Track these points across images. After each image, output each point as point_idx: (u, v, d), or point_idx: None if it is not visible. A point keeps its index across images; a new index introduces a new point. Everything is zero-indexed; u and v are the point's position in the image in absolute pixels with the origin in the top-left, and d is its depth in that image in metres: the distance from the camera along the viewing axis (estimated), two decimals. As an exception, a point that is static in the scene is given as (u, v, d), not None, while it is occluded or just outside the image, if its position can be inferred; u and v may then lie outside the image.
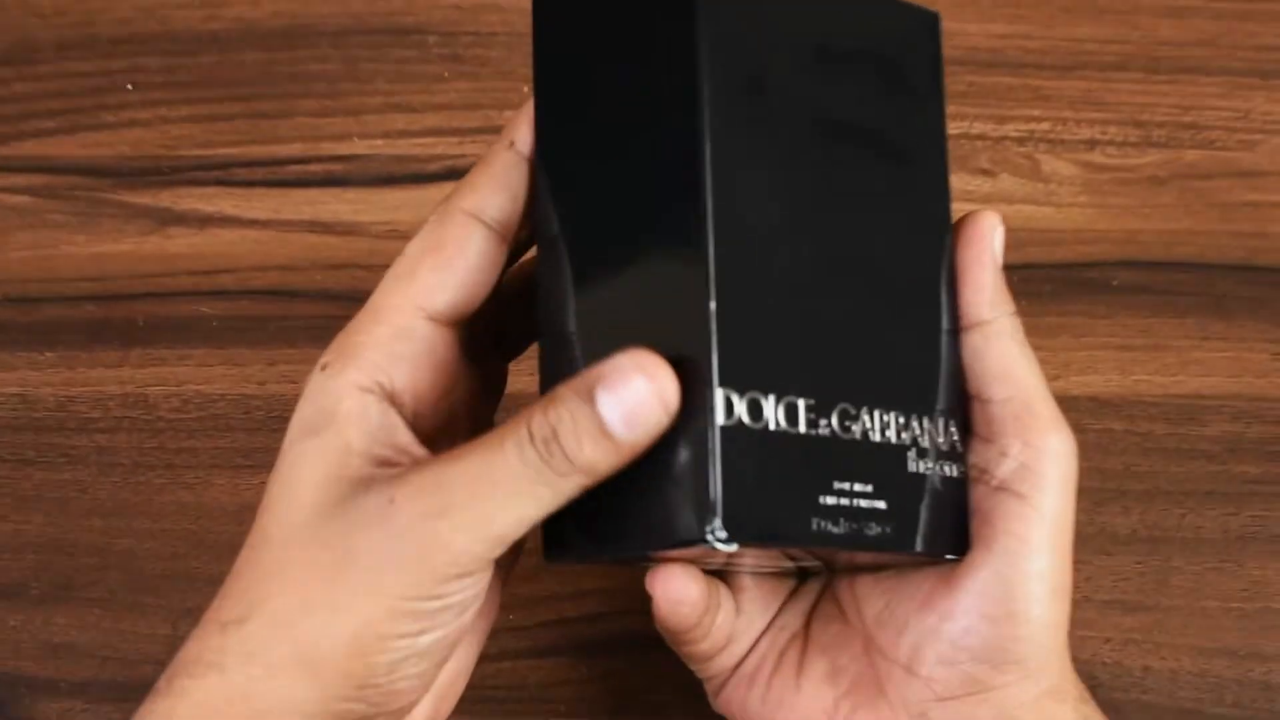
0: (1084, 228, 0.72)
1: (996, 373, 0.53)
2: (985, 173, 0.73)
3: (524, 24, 0.69)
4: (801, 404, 0.49)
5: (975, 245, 0.54)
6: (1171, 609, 0.66)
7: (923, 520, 0.51)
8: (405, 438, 0.50)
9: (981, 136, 0.73)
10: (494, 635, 0.54)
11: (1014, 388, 0.52)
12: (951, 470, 0.52)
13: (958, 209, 0.67)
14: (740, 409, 0.47)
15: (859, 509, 0.49)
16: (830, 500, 0.49)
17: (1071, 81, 0.74)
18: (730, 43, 0.49)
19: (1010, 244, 0.68)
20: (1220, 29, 0.74)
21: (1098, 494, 0.68)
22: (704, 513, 0.47)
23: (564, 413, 0.46)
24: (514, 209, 0.52)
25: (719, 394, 0.46)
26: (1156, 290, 0.71)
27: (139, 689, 0.59)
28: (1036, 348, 0.65)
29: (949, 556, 0.52)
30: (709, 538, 0.46)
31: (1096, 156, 0.73)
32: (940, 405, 0.53)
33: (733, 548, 0.47)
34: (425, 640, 0.49)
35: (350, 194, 0.71)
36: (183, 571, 0.66)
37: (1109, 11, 0.75)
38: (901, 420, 0.52)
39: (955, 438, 0.53)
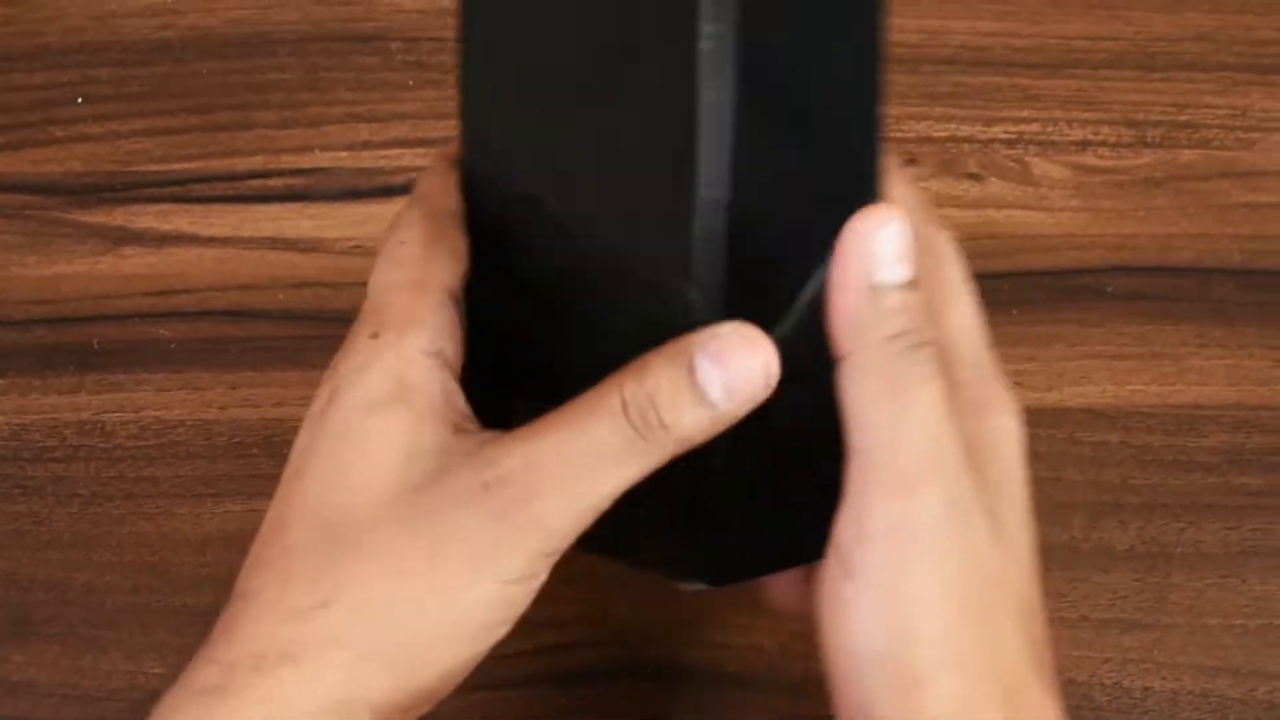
0: (1076, 233, 0.72)
1: (851, 420, 0.48)
2: (973, 177, 0.72)
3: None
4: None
5: (839, 264, 0.49)
6: (1171, 627, 0.66)
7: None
8: (465, 406, 0.50)
9: (969, 139, 0.73)
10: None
11: (869, 438, 0.49)
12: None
13: (952, 219, 0.69)
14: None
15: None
16: None
17: (1062, 80, 0.74)
18: None
19: (1001, 251, 0.70)
20: (1216, 23, 0.74)
21: (1094, 508, 0.67)
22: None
23: (661, 381, 0.46)
24: None
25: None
26: (1152, 297, 0.71)
27: None
28: (1029, 358, 0.68)
29: None
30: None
31: (1089, 158, 0.73)
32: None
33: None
34: (507, 628, 0.49)
35: (313, 209, 0.70)
36: (144, 605, 0.65)
37: (1100, 7, 0.75)
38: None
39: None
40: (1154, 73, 0.74)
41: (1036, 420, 0.62)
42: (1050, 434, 0.68)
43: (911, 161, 0.73)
